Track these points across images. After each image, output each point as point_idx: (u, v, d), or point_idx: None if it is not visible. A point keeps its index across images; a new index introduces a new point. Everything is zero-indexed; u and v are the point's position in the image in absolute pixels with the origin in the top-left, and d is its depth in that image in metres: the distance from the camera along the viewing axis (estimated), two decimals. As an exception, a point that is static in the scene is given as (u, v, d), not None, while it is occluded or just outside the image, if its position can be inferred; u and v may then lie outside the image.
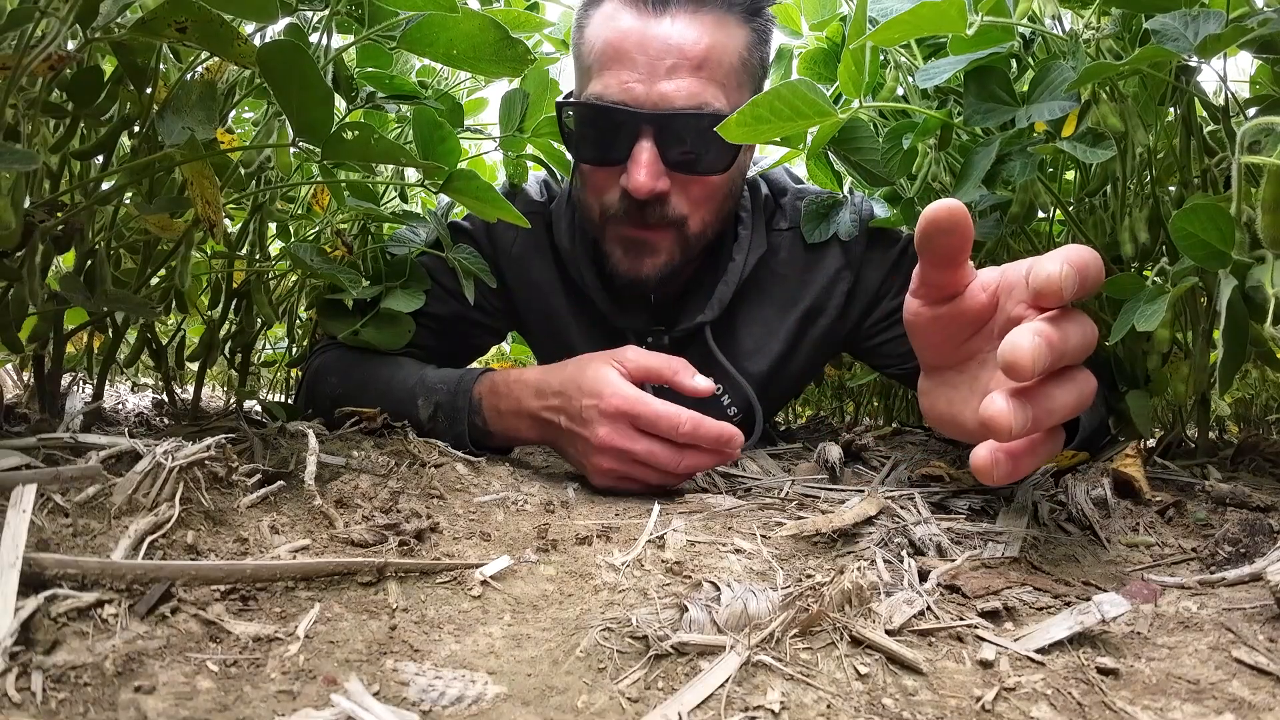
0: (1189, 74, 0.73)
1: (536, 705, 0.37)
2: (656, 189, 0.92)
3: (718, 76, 0.92)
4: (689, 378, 0.80)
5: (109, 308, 0.71)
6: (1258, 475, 0.75)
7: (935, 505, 0.71)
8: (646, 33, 0.91)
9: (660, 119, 0.91)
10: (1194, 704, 0.38)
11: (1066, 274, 0.51)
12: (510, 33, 0.71)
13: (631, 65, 0.91)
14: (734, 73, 0.95)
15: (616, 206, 0.96)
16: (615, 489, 0.80)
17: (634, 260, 0.99)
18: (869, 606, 0.47)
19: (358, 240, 1.02)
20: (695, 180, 0.95)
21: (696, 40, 0.91)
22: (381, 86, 0.87)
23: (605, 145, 0.95)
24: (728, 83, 0.94)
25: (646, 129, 0.91)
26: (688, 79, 0.91)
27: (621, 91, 0.91)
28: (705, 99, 0.91)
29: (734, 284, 1.07)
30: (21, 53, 0.51)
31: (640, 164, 0.91)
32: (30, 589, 0.38)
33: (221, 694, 0.36)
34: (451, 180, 0.79)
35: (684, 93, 0.90)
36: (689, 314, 1.08)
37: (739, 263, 1.07)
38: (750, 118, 0.73)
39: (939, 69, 0.76)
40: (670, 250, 0.99)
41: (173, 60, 0.72)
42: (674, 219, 0.96)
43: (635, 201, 0.93)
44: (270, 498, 0.59)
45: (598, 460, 0.78)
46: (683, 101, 0.90)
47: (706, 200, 0.98)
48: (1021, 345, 0.49)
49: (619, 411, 0.77)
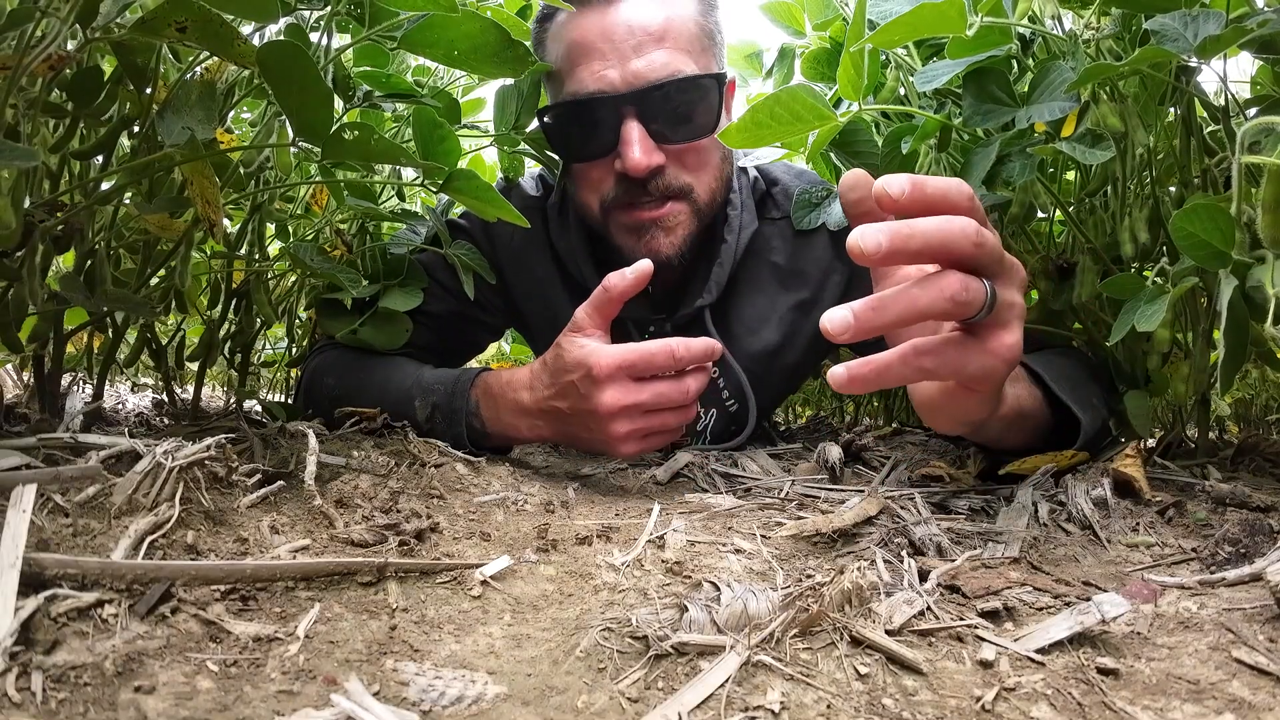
0: (1189, 74, 0.73)
1: (536, 705, 0.37)
2: (652, 163, 0.94)
3: (682, 44, 0.95)
4: (618, 280, 0.82)
5: (109, 308, 0.71)
6: (1258, 475, 0.75)
7: (935, 505, 0.71)
8: (605, 21, 0.93)
9: (639, 95, 0.92)
10: (1194, 704, 0.38)
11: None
12: (511, 35, 0.71)
13: (599, 55, 0.93)
14: (695, 39, 0.97)
15: (615, 193, 0.97)
16: (643, 451, 0.83)
17: (649, 243, 0.99)
18: (869, 606, 0.47)
19: (357, 239, 1.02)
20: (687, 148, 0.97)
21: (654, 15, 0.94)
22: (378, 85, 0.87)
23: (593, 138, 0.96)
24: (692, 48, 0.96)
25: (629, 109, 0.93)
26: (656, 51, 0.93)
27: (597, 81, 0.93)
28: (676, 66, 0.93)
29: (729, 265, 1.07)
30: (21, 53, 0.51)
31: (631, 142, 0.92)
32: (30, 589, 0.38)
33: (221, 694, 0.36)
34: (451, 180, 0.79)
35: (656, 65, 0.93)
36: (688, 300, 1.08)
37: (731, 244, 1.08)
38: (750, 123, 0.73)
39: (938, 71, 0.76)
40: (686, 223, 1.00)
41: (172, 60, 0.72)
42: (678, 189, 0.98)
43: (635, 182, 0.95)
44: (270, 498, 0.59)
45: (613, 428, 0.79)
46: (657, 74, 0.93)
47: (703, 165, 0.99)
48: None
49: (614, 368, 0.78)
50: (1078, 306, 0.85)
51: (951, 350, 0.57)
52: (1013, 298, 0.59)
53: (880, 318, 0.54)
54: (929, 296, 0.54)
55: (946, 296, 0.54)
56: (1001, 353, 0.58)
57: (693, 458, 0.94)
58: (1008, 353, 0.58)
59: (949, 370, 0.58)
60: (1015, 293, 0.59)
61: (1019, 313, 0.59)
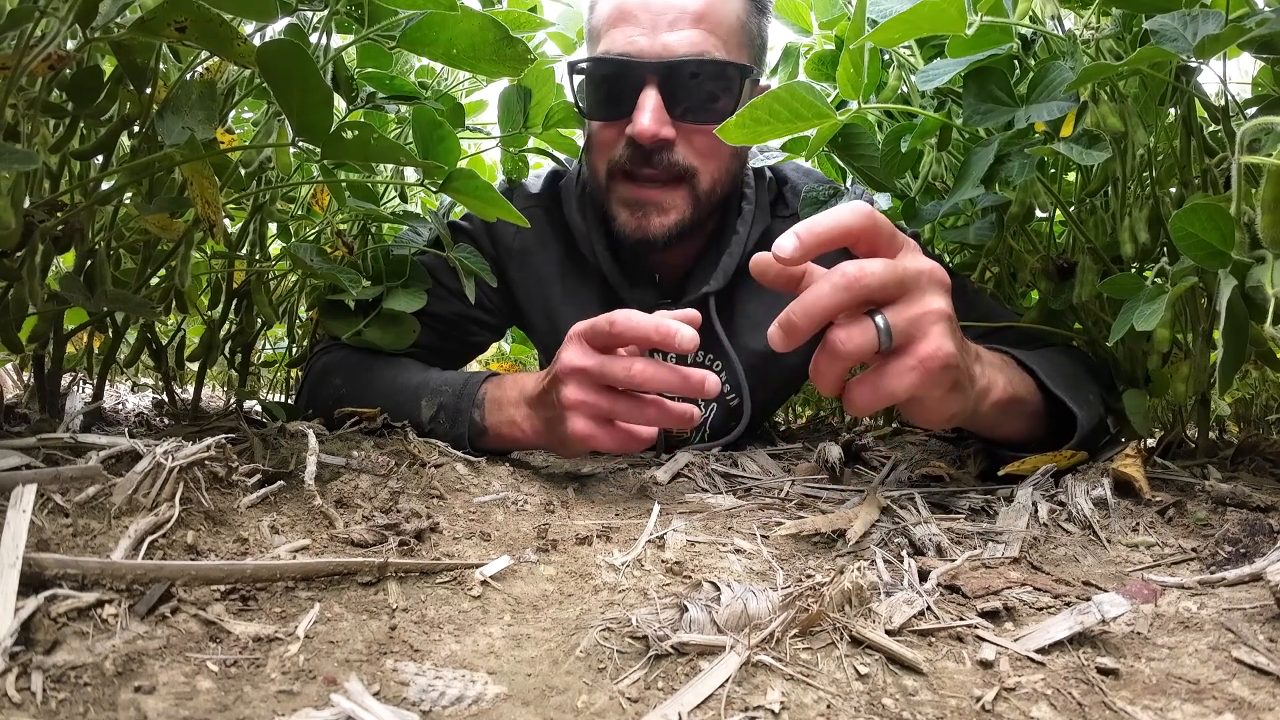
0: (1189, 74, 0.73)
1: (536, 705, 0.37)
2: (661, 134, 0.95)
3: (719, 31, 0.96)
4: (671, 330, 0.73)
5: (109, 308, 0.71)
6: (1258, 475, 0.75)
7: (935, 505, 0.71)
8: None
9: (664, 67, 0.94)
10: (1194, 704, 0.38)
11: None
12: (510, 32, 0.71)
13: (635, 21, 0.95)
14: (734, 32, 0.98)
15: (621, 157, 0.98)
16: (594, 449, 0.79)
17: (640, 219, 1.00)
18: (869, 606, 0.47)
19: (358, 240, 1.02)
20: (700, 130, 0.97)
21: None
22: (381, 87, 0.87)
23: (612, 99, 0.97)
24: (729, 40, 0.97)
25: (651, 78, 0.94)
26: (689, 30, 0.94)
27: (626, 44, 0.95)
28: (706, 48, 0.95)
29: (738, 255, 1.08)
30: (21, 53, 0.51)
31: (644, 109, 0.94)
32: (30, 589, 0.38)
33: (221, 694, 0.36)
34: (451, 179, 0.79)
35: (686, 42, 0.94)
36: (695, 286, 1.09)
37: (742, 235, 1.08)
38: (749, 120, 0.73)
39: (939, 70, 0.76)
40: (681, 208, 1.00)
41: (172, 60, 0.72)
42: (682, 169, 0.98)
43: (640, 150, 0.96)
44: (270, 498, 0.58)
45: (565, 393, 0.77)
46: (685, 50, 0.94)
47: (712, 153, 1.00)
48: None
49: (572, 335, 0.77)
50: (1078, 306, 0.85)
51: (878, 382, 0.61)
52: (920, 309, 0.60)
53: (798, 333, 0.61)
54: (823, 376, 0.63)
55: (838, 355, 0.60)
56: (927, 363, 0.60)
57: (693, 458, 0.94)
58: (932, 360, 0.60)
59: (886, 399, 0.61)
60: (928, 300, 0.61)
61: (936, 318, 0.61)
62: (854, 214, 0.61)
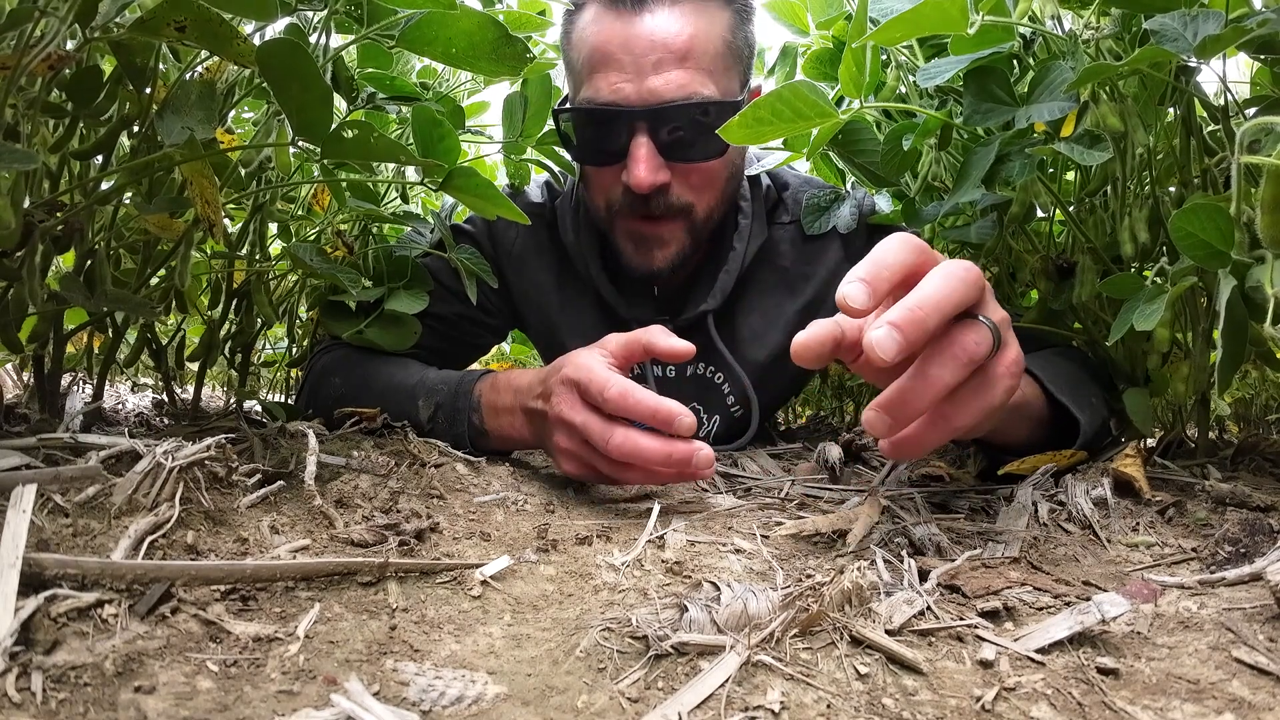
0: (1189, 74, 0.73)
1: (536, 705, 0.37)
2: (657, 182, 0.94)
3: (704, 64, 0.95)
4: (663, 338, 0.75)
5: (109, 308, 0.71)
6: (1258, 475, 0.75)
7: (935, 505, 0.71)
8: (629, 32, 0.93)
9: (652, 113, 0.93)
10: (1194, 704, 0.38)
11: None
12: (509, 31, 0.71)
13: (619, 66, 0.93)
14: (720, 57, 0.97)
15: (621, 201, 0.99)
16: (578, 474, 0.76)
17: (644, 254, 1.02)
18: (869, 606, 0.47)
19: (358, 241, 1.02)
20: (694, 168, 0.97)
21: (679, 32, 0.93)
22: (382, 88, 0.87)
23: (603, 146, 0.97)
24: (715, 68, 0.96)
25: (640, 125, 0.93)
26: (675, 71, 0.93)
27: (612, 93, 0.94)
28: (694, 88, 0.93)
29: (735, 272, 1.08)
30: (21, 52, 0.51)
31: (638, 159, 0.93)
32: (30, 589, 0.38)
33: (221, 694, 0.36)
34: (451, 178, 0.78)
35: (673, 85, 0.93)
36: (693, 303, 1.09)
37: (740, 251, 1.08)
38: (751, 119, 0.73)
39: (939, 69, 0.76)
40: (680, 240, 1.01)
41: (172, 60, 0.72)
42: (679, 207, 0.99)
43: (639, 195, 0.95)
44: (270, 498, 0.58)
45: (556, 439, 0.75)
46: (672, 94, 0.92)
47: (708, 185, 1.00)
48: (872, 342, 0.50)
49: (568, 380, 0.73)
50: (1078, 306, 0.85)
51: (974, 398, 0.56)
52: (1000, 313, 0.58)
53: (911, 409, 0.54)
54: (952, 371, 0.54)
55: (965, 361, 0.54)
56: (1012, 370, 0.57)
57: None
58: (1015, 366, 0.58)
59: (983, 416, 0.57)
60: (996, 305, 0.58)
61: (1009, 322, 0.58)
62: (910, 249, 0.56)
